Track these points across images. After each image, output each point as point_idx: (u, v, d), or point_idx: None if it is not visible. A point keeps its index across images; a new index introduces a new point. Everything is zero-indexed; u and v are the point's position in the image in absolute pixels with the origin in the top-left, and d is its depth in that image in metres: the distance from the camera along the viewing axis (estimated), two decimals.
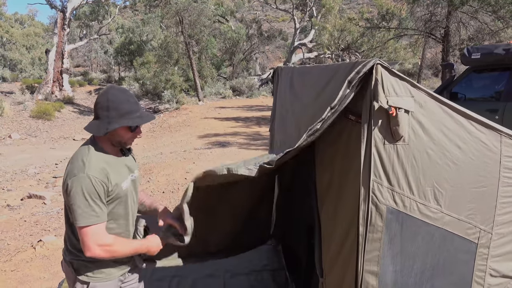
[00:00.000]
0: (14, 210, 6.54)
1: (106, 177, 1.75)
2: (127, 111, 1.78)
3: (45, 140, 13.45)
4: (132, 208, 1.95)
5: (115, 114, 1.76)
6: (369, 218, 1.68)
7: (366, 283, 1.74)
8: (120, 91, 1.83)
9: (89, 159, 1.75)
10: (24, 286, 3.61)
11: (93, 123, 1.83)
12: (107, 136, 1.80)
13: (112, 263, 1.88)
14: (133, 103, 1.82)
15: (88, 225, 1.70)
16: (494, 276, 1.83)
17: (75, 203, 1.69)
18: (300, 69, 2.72)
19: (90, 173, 1.71)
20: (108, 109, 1.76)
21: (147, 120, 1.84)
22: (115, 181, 1.80)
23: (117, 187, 1.81)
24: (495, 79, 5.56)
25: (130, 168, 1.94)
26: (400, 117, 1.59)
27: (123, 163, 1.91)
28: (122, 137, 1.83)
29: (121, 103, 1.78)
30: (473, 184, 1.73)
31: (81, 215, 1.69)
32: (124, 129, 1.81)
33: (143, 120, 1.82)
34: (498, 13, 13.95)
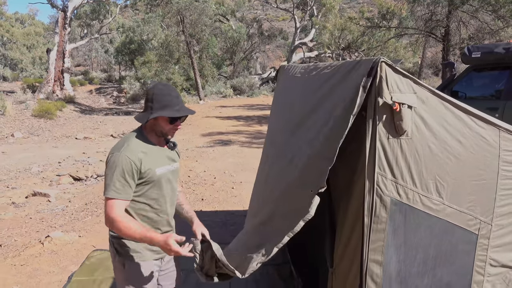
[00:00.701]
0: (19, 207, 6.61)
1: (139, 160, 1.93)
2: (167, 104, 1.95)
3: (47, 139, 13.51)
4: (168, 195, 2.11)
5: (157, 106, 1.95)
6: (373, 210, 1.75)
7: (371, 272, 1.81)
8: (165, 86, 2.02)
9: (129, 142, 1.97)
10: (34, 280, 3.68)
11: (140, 114, 2.04)
12: (152, 126, 2.02)
13: (146, 244, 1.99)
14: (174, 97, 1.98)
15: (108, 197, 1.90)
16: (494, 266, 1.91)
17: (106, 175, 1.92)
18: (302, 67, 2.78)
19: (125, 153, 1.91)
20: (152, 101, 1.96)
21: (184, 114, 1.98)
22: (149, 165, 1.97)
23: (151, 171, 1.97)
24: (495, 78, 5.62)
25: (170, 159, 2.13)
26: (403, 113, 1.66)
27: (164, 153, 2.09)
28: (163, 128, 2.00)
29: (163, 96, 1.96)
30: (473, 177, 1.80)
31: (106, 187, 1.91)
32: (164, 120, 1.98)
33: (180, 113, 1.96)
34: (498, 12, 14.01)
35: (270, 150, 2.90)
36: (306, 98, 2.30)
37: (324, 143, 1.85)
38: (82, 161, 9.78)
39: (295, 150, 2.21)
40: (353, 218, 1.91)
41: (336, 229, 2.12)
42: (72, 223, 5.32)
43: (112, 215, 1.88)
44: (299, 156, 2.11)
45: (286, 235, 1.82)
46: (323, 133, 1.90)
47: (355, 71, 1.77)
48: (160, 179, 2.03)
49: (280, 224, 1.96)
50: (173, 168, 2.14)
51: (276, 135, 2.83)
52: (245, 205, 5.65)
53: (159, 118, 1.98)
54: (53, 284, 3.60)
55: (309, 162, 1.96)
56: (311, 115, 2.14)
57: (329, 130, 1.84)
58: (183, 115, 2.00)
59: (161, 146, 2.10)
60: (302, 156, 2.06)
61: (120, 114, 20.21)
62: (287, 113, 2.70)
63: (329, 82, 2.00)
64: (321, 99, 2.05)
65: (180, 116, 2.00)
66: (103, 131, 14.75)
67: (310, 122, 2.13)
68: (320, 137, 1.91)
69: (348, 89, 1.76)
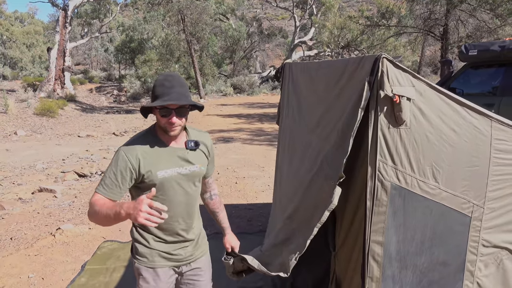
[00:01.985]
0: (26, 203, 6.74)
1: (137, 159, 1.78)
2: (159, 94, 1.77)
3: (50, 137, 13.64)
4: (179, 201, 1.91)
5: (152, 97, 1.82)
6: (375, 194, 1.90)
7: (373, 252, 1.96)
8: (164, 76, 1.82)
9: (133, 140, 1.85)
10: (49, 268, 3.83)
11: None
12: (157, 123, 1.86)
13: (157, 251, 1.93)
14: (167, 87, 1.76)
15: (96, 191, 1.77)
16: (486, 246, 2.06)
17: None
18: (307, 64, 2.92)
19: (124, 150, 1.80)
20: (151, 93, 1.89)
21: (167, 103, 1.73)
22: (149, 167, 1.80)
23: (150, 173, 1.80)
24: (492, 75, 5.77)
25: (184, 160, 1.90)
26: (403, 104, 1.81)
27: (175, 154, 1.89)
28: (159, 122, 1.82)
29: (157, 87, 1.79)
30: (467, 163, 1.95)
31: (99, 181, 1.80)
32: (158, 113, 1.80)
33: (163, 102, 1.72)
34: (496, 11, 14.17)
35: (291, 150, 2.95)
36: (320, 99, 2.43)
37: (339, 137, 2.00)
38: (86, 158, 9.92)
39: (316, 147, 2.34)
40: (356, 203, 2.06)
41: (336, 215, 2.27)
42: (80, 217, 5.46)
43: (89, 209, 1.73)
44: (319, 153, 2.23)
45: (315, 227, 1.94)
46: (337, 128, 2.05)
47: (360, 68, 1.92)
48: (162, 182, 1.83)
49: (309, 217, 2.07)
50: (186, 171, 1.90)
51: (295, 136, 2.92)
52: (248, 198, 5.80)
53: (155, 112, 1.80)
54: (68, 272, 3.75)
55: (328, 156, 2.09)
56: (326, 114, 2.29)
57: (342, 125, 1.99)
58: (167, 103, 1.72)
59: (176, 145, 1.90)
60: (322, 152, 2.19)
61: (121, 112, 20.34)
62: (302, 113, 2.81)
63: (339, 83, 2.14)
64: (334, 98, 2.20)
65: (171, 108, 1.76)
66: (105, 129, 14.88)
67: (325, 121, 2.29)
68: (335, 133, 2.06)
69: (355, 86, 1.92)
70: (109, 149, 10.87)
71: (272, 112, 16.13)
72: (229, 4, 30.63)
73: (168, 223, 1.90)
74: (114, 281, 3.52)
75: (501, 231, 2.06)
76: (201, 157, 1.99)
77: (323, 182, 2.05)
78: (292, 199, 2.42)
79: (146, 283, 1.95)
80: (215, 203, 2.24)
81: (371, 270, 1.96)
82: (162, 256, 1.95)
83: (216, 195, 2.25)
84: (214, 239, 2.38)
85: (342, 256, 2.22)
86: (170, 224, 1.92)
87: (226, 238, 2.25)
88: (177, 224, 1.94)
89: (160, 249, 1.95)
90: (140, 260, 1.95)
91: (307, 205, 2.14)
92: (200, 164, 1.97)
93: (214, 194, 2.23)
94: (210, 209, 2.26)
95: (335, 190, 1.91)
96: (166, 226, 1.91)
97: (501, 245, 2.08)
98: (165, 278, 1.98)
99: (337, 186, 1.91)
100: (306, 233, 2.01)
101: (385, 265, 1.97)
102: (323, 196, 1.99)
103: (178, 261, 2.00)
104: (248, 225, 4.82)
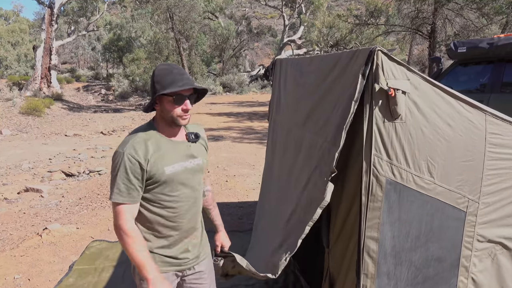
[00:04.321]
0: (12, 203, 6.60)
1: (145, 157, 1.70)
2: (170, 82, 1.70)
3: (36, 136, 13.40)
4: (186, 196, 1.84)
5: (159, 88, 1.71)
6: (370, 189, 1.87)
7: (368, 248, 1.93)
8: (165, 65, 1.78)
9: (134, 138, 1.73)
10: (35, 269, 3.73)
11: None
12: (161, 114, 1.78)
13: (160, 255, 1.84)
14: (177, 74, 1.72)
15: (114, 202, 1.71)
16: (481, 241, 2.05)
17: (111, 177, 1.72)
18: (298, 60, 2.89)
19: (128, 151, 1.69)
20: (154, 84, 1.74)
21: (187, 86, 1.71)
22: (156, 163, 1.72)
23: (158, 170, 1.73)
24: (480, 72, 5.81)
25: (188, 155, 1.84)
26: (398, 98, 1.78)
27: (179, 148, 1.82)
28: (170, 112, 1.74)
29: (164, 76, 1.72)
30: (462, 158, 1.93)
31: (110, 190, 1.72)
32: (168, 102, 1.73)
33: (182, 87, 1.69)
34: (482, 10, 14.35)
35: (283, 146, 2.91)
36: (311, 92, 2.39)
37: (331, 131, 1.96)
38: (73, 157, 9.75)
39: (309, 142, 2.30)
40: (350, 199, 2.03)
41: (331, 211, 2.24)
42: (67, 217, 5.35)
43: (119, 223, 1.69)
44: (314, 148, 2.20)
45: (307, 225, 1.89)
46: (330, 122, 2.01)
47: (354, 61, 1.89)
48: (170, 179, 1.76)
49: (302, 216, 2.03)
50: (191, 165, 1.84)
51: (286, 131, 2.88)
52: (239, 196, 5.76)
53: (164, 102, 1.73)
54: (55, 273, 3.66)
55: (321, 151, 2.05)
56: (317, 107, 2.26)
57: (335, 118, 1.95)
58: (185, 88, 1.70)
59: (177, 139, 1.84)
60: (317, 148, 2.15)
61: (109, 111, 20.10)
62: (293, 108, 2.77)
63: (331, 75, 2.11)
64: (326, 91, 2.16)
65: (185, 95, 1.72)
66: (92, 128, 14.68)
67: (317, 114, 2.25)
68: (328, 126, 2.02)
69: (349, 79, 1.88)
70: (97, 148, 10.72)
71: (262, 110, 16.10)
72: (217, 3, 30.49)
73: (177, 221, 1.83)
74: (103, 281, 3.45)
75: (495, 226, 2.05)
76: (201, 149, 1.95)
77: (317, 179, 2.01)
78: (290, 201, 2.35)
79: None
80: (208, 199, 2.16)
81: (366, 266, 1.94)
82: (165, 261, 1.85)
83: (209, 191, 2.17)
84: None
85: (337, 253, 2.19)
86: (179, 223, 1.83)
87: (218, 235, 2.20)
88: (186, 223, 1.86)
89: (163, 253, 1.85)
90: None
91: (304, 204, 2.09)
92: (202, 157, 1.92)
93: (207, 190, 2.15)
94: (204, 205, 2.13)
95: (327, 186, 1.87)
96: (174, 225, 1.83)
97: (495, 240, 2.07)
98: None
99: (329, 182, 1.87)
100: (298, 232, 1.97)
101: (380, 261, 1.95)
102: (317, 194, 1.95)
103: (182, 265, 1.91)
104: (239, 223, 4.78)
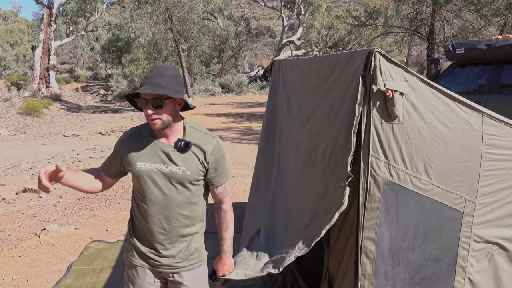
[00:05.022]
0: (10, 203, 6.59)
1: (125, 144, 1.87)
2: (141, 84, 1.74)
3: (35, 136, 13.37)
4: (152, 197, 1.82)
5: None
6: (368, 190, 1.88)
7: (365, 249, 1.94)
8: (152, 68, 1.82)
9: (132, 128, 1.95)
10: (33, 270, 3.73)
11: None
12: None
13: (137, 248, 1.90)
14: (146, 77, 1.75)
15: None
16: (478, 242, 2.06)
17: None
18: (298, 61, 2.89)
19: (122, 135, 1.93)
20: None
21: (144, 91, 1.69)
22: (131, 156, 1.83)
23: (131, 163, 1.83)
24: (478, 73, 5.83)
25: (167, 158, 1.80)
26: (395, 99, 1.79)
27: (158, 149, 1.82)
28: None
29: (144, 77, 1.78)
30: (459, 159, 1.94)
31: None
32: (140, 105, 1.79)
33: (141, 90, 1.70)
34: (481, 11, 14.39)
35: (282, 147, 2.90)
36: (310, 93, 2.40)
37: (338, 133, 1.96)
38: (72, 157, 9.74)
39: (309, 144, 2.30)
40: (348, 200, 2.04)
41: None
42: (66, 217, 5.35)
43: None
44: (313, 150, 2.20)
45: (323, 229, 1.89)
46: (331, 123, 2.02)
47: (352, 62, 1.90)
48: (139, 174, 1.80)
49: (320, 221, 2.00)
50: (166, 170, 1.79)
51: (285, 133, 2.87)
52: (237, 197, 5.77)
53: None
54: (53, 273, 3.66)
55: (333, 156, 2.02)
56: (316, 108, 2.26)
57: (338, 120, 1.96)
58: (145, 92, 1.69)
59: (165, 142, 1.82)
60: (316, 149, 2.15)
61: (107, 112, 20.09)
62: (293, 109, 2.77)
63: (330, 76, 2.12)
64: (325, 92, 2.17)
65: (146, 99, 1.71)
66: (91, 128, 14.66)
67: (316, 115, 2.25)
68: (329, 128, 2.02)
69: (347, 80, 1.90)
70: (95, 148, 10.71)
71: (261, 111, 16.11)
72: (216, 3, 30.52)
73: (146, 219, 1.85)
74: (101, 281, 3.45)
75: (492, 227, 2.06)
76: (190, 160, 1.81)
77: (336, 184, 1.99)
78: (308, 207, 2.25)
79: (126, 276, 1.98)
80: (219, 218, 1.99)
81: (364, 267, 1.95)
82: (139, 254, 1.90)
83: (222, 210, 1.98)
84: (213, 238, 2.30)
85: (335, 253, 2.20)
86: (148, 223, 1.84)
87: (217, 260, 2.05)
88: (153, 225, 1.84)
89: (138, 246, 1.90)
90: (126, 253, 1.99)
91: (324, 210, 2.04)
92: (186, 168, 1.79)
93: (219, 208, 1.99)
94: (216, 223, 2.03)
95: (345, 191, 1.85)
96: (144, 223, 1.86)
97: (492, 240, 2.08)
98: (143, 277, 1.91)
99: (347, 187, 1.86)
100: (313, 235, 1.96)
101: (377, 262, 1.95)
102: (336, 198, 1.92)
103: (155, 266, 1.89)
104: (238, 223, 4.76)
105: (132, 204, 1.94)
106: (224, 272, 2.05)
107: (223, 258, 2.03)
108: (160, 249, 1.87)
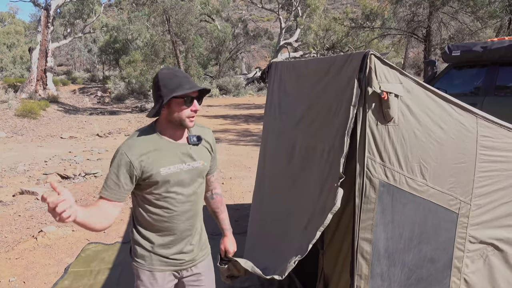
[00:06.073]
0: (7, 205, 6.57)
1: (139, 156, 1.74)
2: (177, 85, 1.73)
3: (32, 138, 13.34)
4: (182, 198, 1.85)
5: (166, 91, 1.73)
6: (363, 191, 1.89)
7: (361, 249, 1.95)
8: (168, 69, 1.82)
9: (133, 138, 1.80)
10: (30, 272, 3.73)
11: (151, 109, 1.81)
12: (167, 117, 1.80)
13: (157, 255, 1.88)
14: (182, 77, 1.77)
15: (99, 195, 1.75)
16: (473, 243, 2.07)
17: None
18: (294, 63, 2.91)
19: (124, 149, 1.75)
20: (159, 88, 1.75)
21: (197, 88, 1.76)
22: (152, 164, 1.76)
23: (153, 171, 1.76)
24: (474, 75, 5.87)
25: (187, 156, 1.86)
26: (391, 101, 1.81)
27: (178, 150, 1.84)
28: (179, 114, 1.77)
29: (170, 79, 1.75)
30: (453, 160, 1.96)
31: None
32: (177, 105, 1.76)
33: (193, 89, 1.74)
34: (477, 13, 14.47)
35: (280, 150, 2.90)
36: (306, 95, 2.41)
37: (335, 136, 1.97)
38: (69, 160, 9.73)
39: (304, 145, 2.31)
40: (344, 200, 2.05)
41: None
42: None
43: None
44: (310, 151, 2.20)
45: (318, 230, 1.90)
46: (328, 125, 2.03)
47: (348, 64, 1.92)
48: (165, 180, 1.79)
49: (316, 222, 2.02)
50: (188, 167, 1.85)
51: (282, 135, 2.88)
52: (235, 199, 5.77)
53: (172, 104, 1.75)
54: (50, 275, 3.65)
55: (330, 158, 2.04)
56: (313, 110, 2.27)
57: (335, 122, 1.97)
58: (194, 90, 1.75)
59: (178, 141, 1.86)
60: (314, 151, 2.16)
61: (105, 113, 20.06)
62: (288, 111, 2.79)
63: (326, 78, 2.13)
64: (320, 94, 2.19)
65: (193, 97, 1.77)
66: (88, 130, 14.64)
67: (312, 117, 2.26)
68: (326, 130, 2.04)
69: (343, 82, 1.91)
70: (93, 150, 10.70)
71: (258, 113, 16.13)
72: (214, 5, 30.55)
73: (173, 222, 1.85)
74: (98, 283, 3.45)
75: (487, 227, 2.08)
76: (203, 152, 1.94)
77: (331, 186, 2.00)
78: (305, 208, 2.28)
79: (143, 285, 1.91)
80: (216, 202, 2.16)
81: (359, 267, 1.96)
82: (161, 261, 1.89)
83: (218, 194, 2.16)
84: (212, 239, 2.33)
85: (330, 254, 2.21)
86: (174, 224, 1.86)
87: (223, 240, 2.19)
88: (182, 224, 1.88)
89: (160, 253, 1.88)
90: (138, 262, 1.90)
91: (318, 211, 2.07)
92: (203, 161, 1.92)
93: (215, 193, 2.15)
94: (211, 208, 2.18)
95: (338, 192, 1.86)
96: (170, 225, 1.85)
97: (487, 241, 2.10)
98: (163, 282, 1.92)
99: (339, 188, 1.87)
100: (309, 237, 1.97)
101: (373, 263, 1.97)
102: (330, 200, 1.93)
103: (178, 266, 1.94)
104: (235, 225, 4.76)
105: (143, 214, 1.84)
106: (234, 248, 2.20)
107: (228, 236, 2.20)
108: (185, 247, 1.93)
